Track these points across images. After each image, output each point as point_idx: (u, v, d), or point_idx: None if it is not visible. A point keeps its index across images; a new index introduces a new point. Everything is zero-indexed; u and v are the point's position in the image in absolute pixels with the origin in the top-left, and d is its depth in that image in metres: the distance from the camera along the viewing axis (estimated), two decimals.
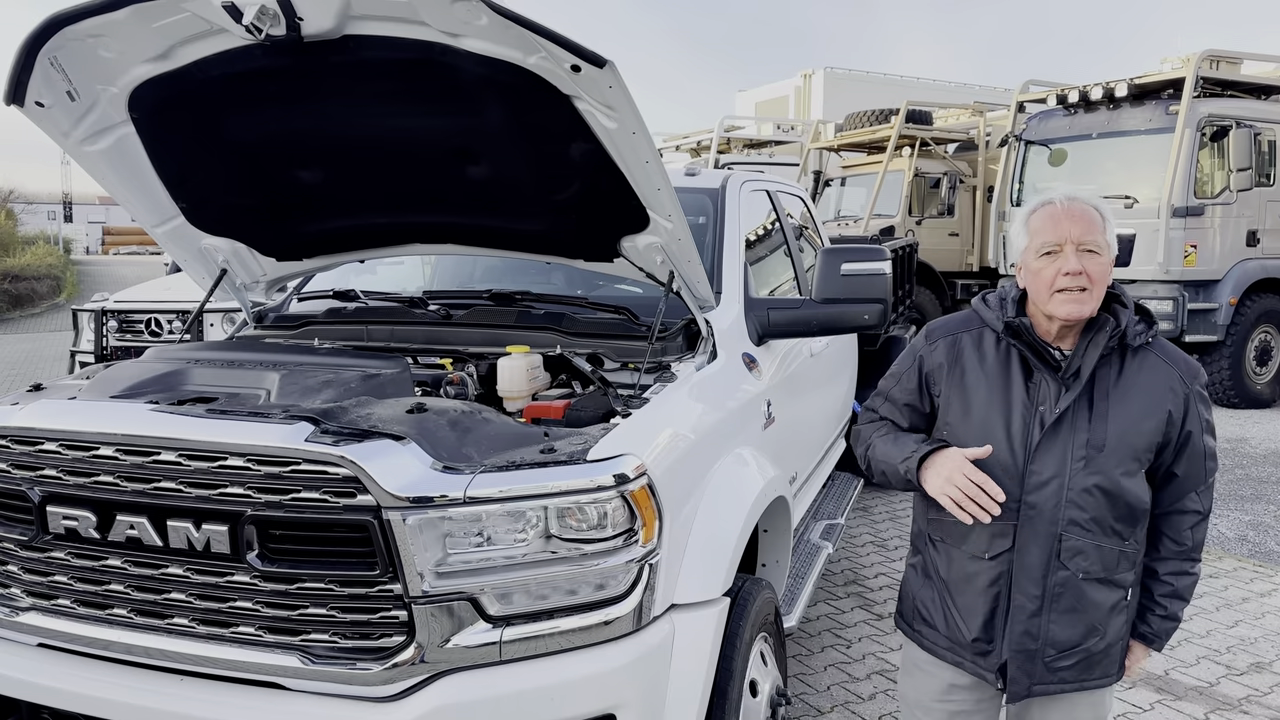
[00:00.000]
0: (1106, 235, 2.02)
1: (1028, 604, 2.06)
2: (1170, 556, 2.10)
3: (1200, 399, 2.06)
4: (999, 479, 2.02)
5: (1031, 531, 2.03)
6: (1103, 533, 2.02)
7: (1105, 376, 2.03)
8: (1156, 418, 2.02)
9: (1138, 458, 2.02)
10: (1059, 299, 1.98)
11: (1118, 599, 2.08)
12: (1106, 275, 2.00)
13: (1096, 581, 2.04)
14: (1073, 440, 2.01)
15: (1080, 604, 2.05)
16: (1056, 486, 2.01)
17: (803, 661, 4.04)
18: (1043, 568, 2.04)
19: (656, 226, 2.73)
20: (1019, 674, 2.09)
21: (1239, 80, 10.46)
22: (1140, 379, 2.03)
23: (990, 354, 2.10)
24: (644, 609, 2.14)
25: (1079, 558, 2.02)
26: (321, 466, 1.99)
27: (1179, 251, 9.72)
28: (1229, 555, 5.54)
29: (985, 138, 13.58)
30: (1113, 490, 2.00)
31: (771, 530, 3.14)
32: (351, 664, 2.03)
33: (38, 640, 2.29)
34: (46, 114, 2.60)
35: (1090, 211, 2.02)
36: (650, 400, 2.51)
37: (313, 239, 3.29)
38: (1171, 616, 2.13)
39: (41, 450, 2.22)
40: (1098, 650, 2.08)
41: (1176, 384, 2.03)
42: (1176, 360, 2.07)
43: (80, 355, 7.61)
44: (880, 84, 19.21)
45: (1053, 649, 2.06)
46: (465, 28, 2.22)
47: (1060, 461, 2.01)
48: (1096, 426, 2.01)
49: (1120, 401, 2.02)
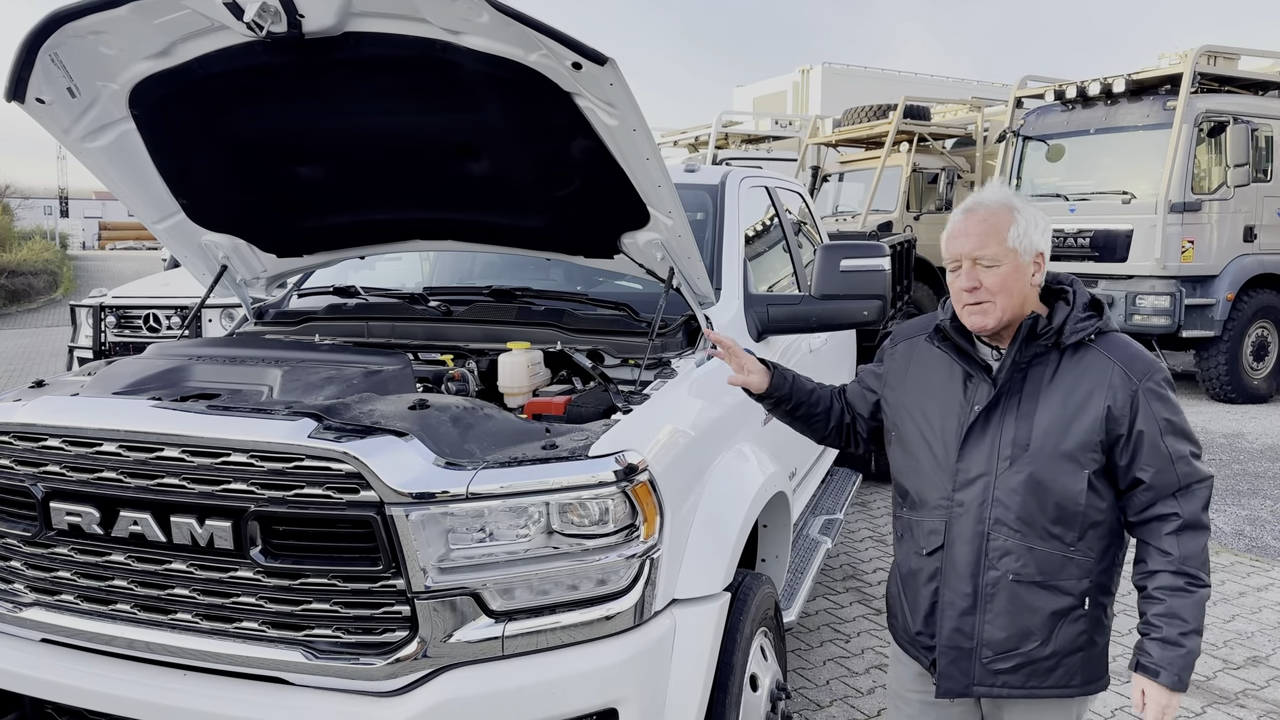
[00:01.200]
0: (1009, 241, 1.96)
1: (958, 601, 2.03)
2: (1159, 569, 1.94)
3: (1155, 396, 1.95)
4: (932, 476, 2.07)
5: (960, 529, 2.02)
6: (1035, 534, 1.97)
7: (1039, 375, 2.00)
8: (1090, 416, 1.94)
9: (1072, 457, 1.95)
10: (965, 312, 2.02)
11: (1064, 606, 1.99)
12: (1010, 282, 1.96)
13: (1034, 585, 1.98)
14: (999, 439, 1.99)
15: (1014, 606, 1.99)
16: (983, 485, 2.00)
17: (802, 656, 4.06)
18: (972, 566, 2.01)
19: (657, 223, 2.74)
20: (952, 670, 2.06)
21: (1236, 76, 10.46)
22: (1074, 376, 1.97)
23: (940, 356, 2.13)
24: (645, 604, 2.15)
25: (1008, 558, 1.98)
26: (325, 462, 2.00)
27: (1176, 247, 9.73)
28: (1226, 550, 5.56)
29: (983, 133, 13.57)
30: (1040, 491, 1.95)
31: (771, 525, 3.16)
32: (355, 659, 2.04)
33: (41, 636, 2.30)
34: (47, 110, 2.60)
35: (991, 218, 1.98)
36: (651, 396, 2.52)
37: (313, 235, 3.29)
38: (1172, 642, 1.90)
39: (45, 446, 2.22)
40: (1041, 657, 2.00)
41: (1118, 380, 1.94)
42: (1121, 355, 1.98)
43: (78, 351, 7.60)
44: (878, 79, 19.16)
45: (989, 649, 2.02)
46: (466, 25, 2.23)
47: (987, 460, 2.00)
48: (1022, 425, 1.98)
49: (1049, 400, 1.97)
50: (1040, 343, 1.99)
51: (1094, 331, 1.99)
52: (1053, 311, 2.02)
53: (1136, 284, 9.94)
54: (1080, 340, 1.99)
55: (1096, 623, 2.03)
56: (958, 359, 2.08)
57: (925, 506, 2.10)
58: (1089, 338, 1.99)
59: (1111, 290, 10.03)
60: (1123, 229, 10.08)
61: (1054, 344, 1.99)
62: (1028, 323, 1.99)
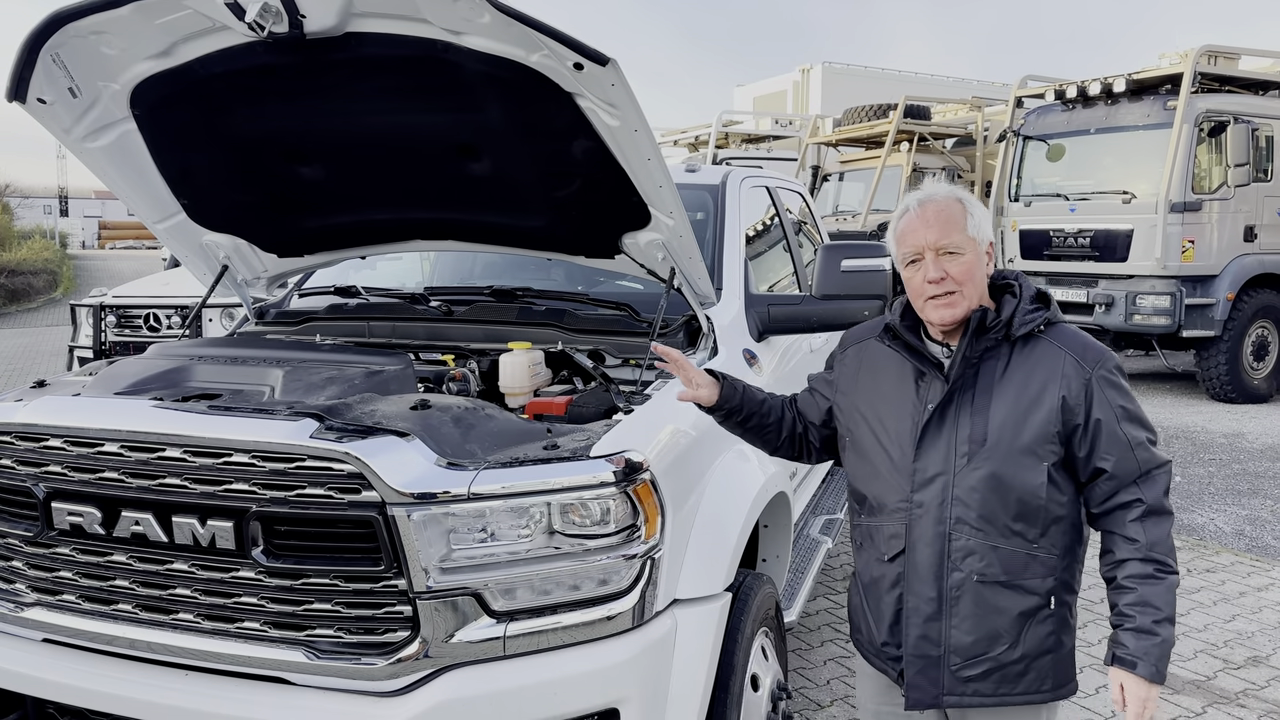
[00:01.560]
0: (968, 229, 1.97)
1: (923, 606, 1.99)
2: (1127, 557, 1.91)
3: (1108, 384, 1.93)
4: (889, 479, 2.04)
5: (921, 531, 1.99)
6: (997, 532, 1.94)
7: (991, 369, 1.98)
8: (1046, 407, 1.92)
9: (1031, 451, 1.92)
10: (930, 306, 1.99)
11: (1031, 606, 1.95)
12: (974, 271, 1.97)
13: (999, 585, 1.94)
14: (955, 436, 1.97)
15: (980, 608, 1.95)
16: (942, 484, 1.97)
17: (803, 656, 4.06)
18: (935, 569, 1.98)
19: (658, 223, 2.74)
20: (920, 679, 2.01)
21: (1237, 75, 10.47)
22: (1026, 369, 1.96)
23: (891, 357, 2.11)
24: (646, 604, 2.15)
25: (971, 558, 1.95)
26: (326, 463, 2.01)
27: (1176, 247, 9.73)
28: (1226, 550, 5.56)
29: (983, 133, 13.58)
30: (999, 487, 1.93)
31: (772, 525, 3.16)
32: (356, 659, 2.04)
33: (42, 636, 2.30)
34: (48, 110, 2.60)
35: (947, 209, 1.98)
36: (652, 396, 2.52)
37: (314, 235, 3.29)
38: (1146, 631, 1.87)
39: (46, 447, 2.22)
40: (1010, 661, 1.96)
41: (1070, 369, 1.93)
42: (1072, 345, 1.97)
43: (79, 350, 7.60)
44: (878, 79, 19.16)
45: (957, 656, 1.97)
46: (467, 25, 2.23)
47: (944, 459, 1.97)
48: (977, 421, 1.95)
49: (1002, 394, 1.95)
50: (990, 336, 1.97)
51: (1043, 322, 1.98)
52: (1000, 305, 2.01)
53: (1137, 284, 9.94)
54: (1030, 332, 1.97)
55: (1063, 622, 2.00)
56: (909, 357, 2.06)
57: (884, 511, 2.06)
58: (1039, 329, 1.98)
59: (1112, 290, 10.04)
60: (1123, 229, 10.08)
61: (1004, 337, 1.97)
62: (977, 315, 1.96)
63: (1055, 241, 10.74)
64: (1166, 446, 8.15)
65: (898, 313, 2.11)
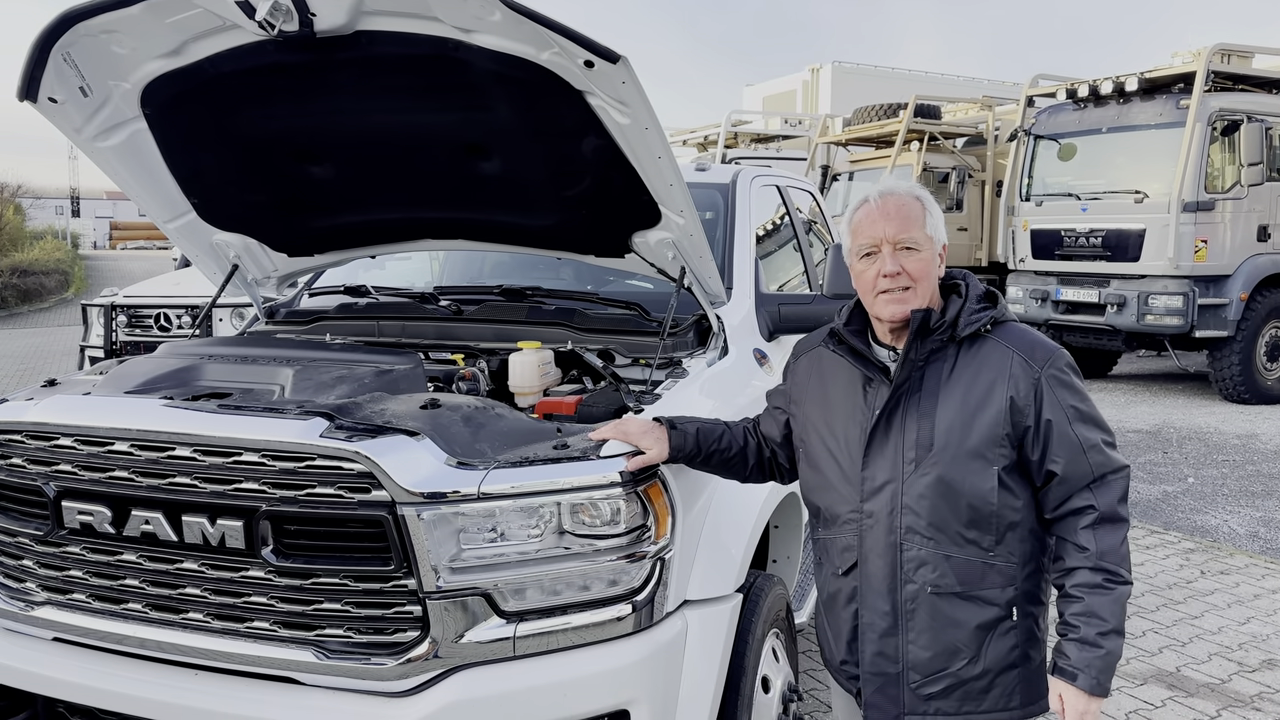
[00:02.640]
0: (927, 228, 1.93)
1: (878, 621, 1.94)
2: (1077, 566, 1.84)
3: (1058, 383, 1.87)
4: (840, 489, 1.99)
5: (872, 542, 1.93)
6: (949, 541, 1.88)
7: (937, 372, 1.91)
8: (993, 409, 1.86)
9: (979, 454, 1.86)
10: (881, 300, 1.93)
11: (990, 618, 1.89)
12: (929, 269, 1.93)
13: (955, 596, 1.88)
14: (902, 442, 1.90)
15: (936, 621, 1.89)
16: (891, 492, 1.91)
17: (814, 658, 4.04)
18: (888, 580, 1.92)
19: (668, 222, 2.72)
20: (879, 698, 1.95)
21: (1250, 74, 10.41)
22: (973, 370, 1.90)
23: (840, 364, 2.05)
24: (656, 605, 2.14)
25: (924, 569, 1.89)
26: (336, 462, 2.00)
27: (1189, 246, 9.68)
28: (1240, 551, 5.52)
29: (994, 132, 13.54)
30: (948, 492, 1.86)
31: (783, 526, 3.14)
32: (366, 659, 2.03)
33: (53, 635, 2.31)
34: (59, 110, 2.60)
35: (907, 205, 1.94)
36: (662, 396, 2.51)
37: (324, 234, 3.29)
38: (1089, 643, 1.80)
39: (57, 445, 2.22)
40: (971, 677, 1.90)
41: (1018, 369, 1.86)
42: (1020, 344, 1.90)
43: (89, 350, 7.63)
44: (888, 78, 19.11)
45: (916, 673, 1.91)
46: (478, 23, 2.22)
47: (892, 466, 1.91)
48: (924, 425, 1.89)
49: (949, 396, 1.89)
50: (935, 337, 1.91)
51: (989, 322, 1.92)
52: (946, 305, 1.96)
53: (1149, 284, 9.89)
54: (976, 332, 1.91)
55: (1029, 635, 1.92)
56: (854, 363, 2.00)
57: (836, 523, 2.01)
58: (985, 328, 1.92)
59: (1124, 290, 9.99)
60: (1135, 228, 10.03)
61: (949, 338, 1.92)
62: (920, 316, 1.90)
63: (1067, 241, 10.69)
64: (1179, 448, 8.10)
65: (844, 316, 2.06)
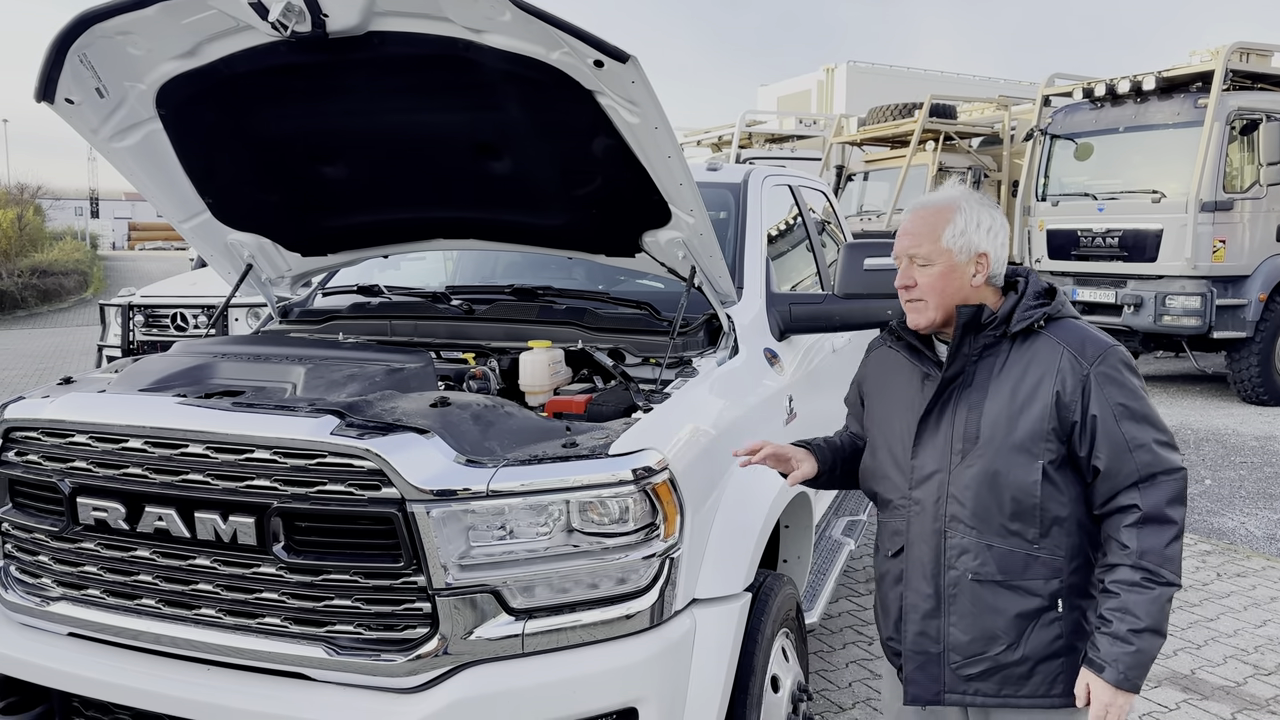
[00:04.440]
0: (944, 240, 1.96)
1: (921, 603, 2.01)
2: (1117, 563, 1.86)
3: (1107, 380, 1.88)
4: (892, 476, 2.09)
5: (919, 528, 2.02)
6: (992, 531, 1.93)
7: (989, 366, 1.97)
8: (1039, 404, 1.89)
9: (1025, 449, 1.90)
10: (906, 309, 2.05)
11: (1032, 608, 1.92)
12: (942, 283, 1.97)
13: (996, 585, 1.93)
14: (951, 433, 1.98)
15: (977, 607, 1.94)
16: (937, 481, 1.99)
17: (824, 658, 4.03)
18: (932, 565, 1.99)
19: (679, 221, 2.73)
20: (920, 675, 2.02)
21: (1269, 73, 10.29)
22: (1023, 364, 1.94)
23: (902, 358, 2.14)
24: (665, 603, 2.14)
25: (965, 556, 1.95)
26: (347, 459, 2.02)
27: (1207, 247, 9.59)
28: (1257, 554, 5.47)
29: (1010, 132, 13.46)
30: (993, 484, 1.91)
31: (793, 526, 3.14)
32: (376, 655, 2.05)
33: (68, 630, 2.33)
34: (76, 111, 2.63)
35: (928, 219, 1.99)
36: (672, 395, 2.51)
37: (337, 234, 3.31)
38: (1120, 638, 1.82)
39: (72, 442, 2.25)
40: (1011, 662, 1.94)
41: (1067, 364, 1.89)
42: (1071, 340, 1.92)
43: (107, 350, 7.69)
44: (903, 78, 19.02)
45: (956, 654, 1.97)
46: (488, 23, 2.23)
47: (940, 456, 1.99)
48: (971, 417, 1.95)
49: (998, 390, 1.94)
50: (988, 333, 1.97)
51: (1043, 318, 1.95)
52: (1004, 301, 2.01)
53: (1166, 284, 9.80)
54: (1030, 327, 1.95)
55: (1075, 627, 1.94)
56: (911, 358, 2.10)
57: (888, 508, 2.11)
58: (1038, 324, 1.95)
59: (1141, 290, 9.91)
60: (1153, 228, 9.95)
61: (1002, 334, 1.96)
62: (967, 312, 1.96)
63: (1083, 241, 10.62)
64: (1196, 449, 8.03)
65: (899, 315, 2.13)
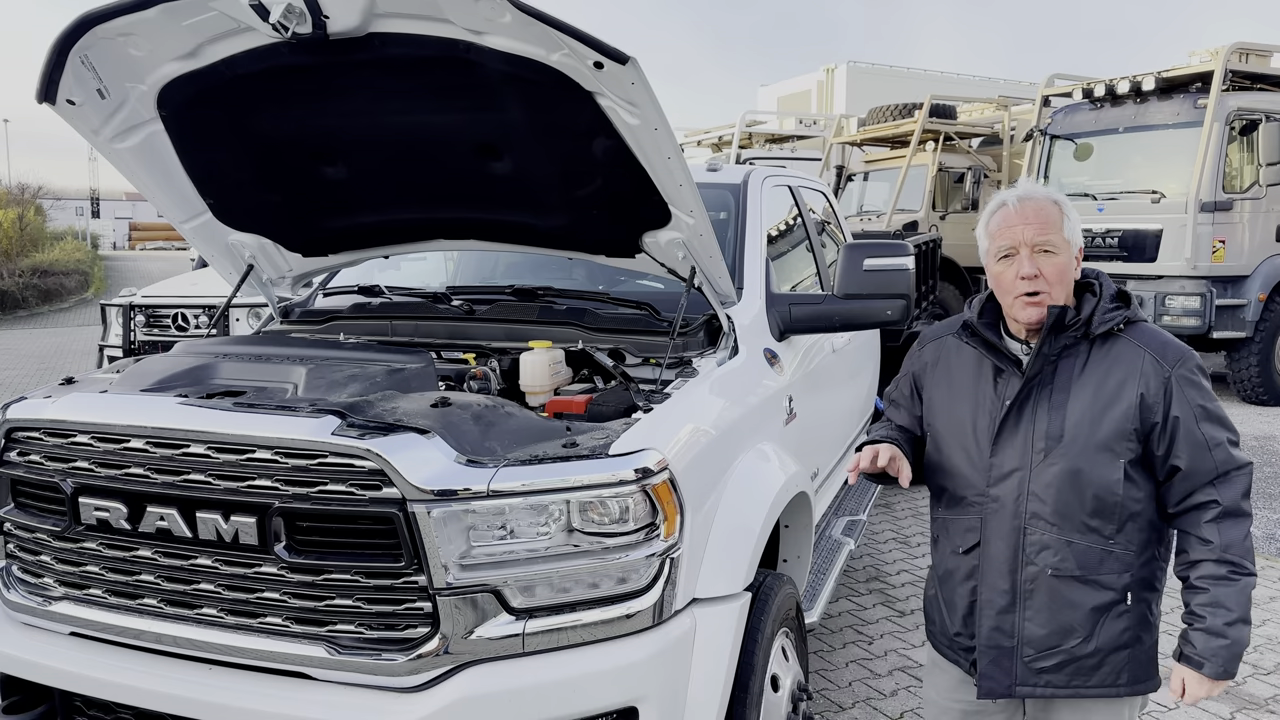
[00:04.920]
0: (1065, 231, 2.01)
1: (997, 599, 2.04)
2: (1201, 559, 1.93)
3: (1188, 383, 1.95)
4: (966, 473, 2.09)
5: (996, 525, 2.04)
6: (1072, 528, 1.97)
7: (1069, 366, 2.01)
8: (1123, 404, 1.94)
9: (1108, 448, 1.95)
10: (1019, 304, 2.02)
11: (1106, 601, 1.98)
12: (1066, 272, 2.01)
13: (1073, 580, 1.98)
14: (1032, 432, 2.00)
15: (1054, 602, 1.99)
16: (1018, 479, 2.01)
17: (824, 658, 4.04)
18: (1009, 562, 2.02)
19: (678, 222, 2.74)
20: (993, 669, 2.06)
21: (1268, 74, 10.30)
22: (1105, 366, 1.99)
23: (969, 353, 2.14)
24: (665, 603, 2.15)
25: (1045, 552, 1.99)
26: (348, 459, 2.02)
27: (1207, 247, 9.60)
28: (1257, 554, 5.47)
29: (1010, 132, 13.46)
30: (1076, 482, 1.96)
31: (793, 526, 3.14)
32: (377, 655, 2.05)
33: (70, 629, 2.34)
34: (77, 112, 2.63)
35: (1045, 208, 2.01)
36: (672, 395, 2.51)
37: (338, 235, 3.32)
38: (1216, 632, 1.89)
39: (74, 442, 2.26)
40: (1084, 654, 2.00)
41: (1149, 367, 1.95)
42: (1152, 344, 1.99)
43: (108, 350, 7.69)
44: (903, 78, 19.01)
45: (1030, 647, 2.02)
46: (489, 25, 2.24)
47: (1021, 454, 2.01)
48: (1054, 417, 1.98)
49: (1080, 391, 1.98)
50: (1069, 334, 2.00)
51: (1123, 321, 2.00)
52: (1080, 303, 2.04)
53: (1166, 284, 9.81)
54: (1109, 330, 2.00)
55: (1141, 619, 2.02)
56: (988, 354, 2.10)
57: (960, 504, 2.11)
58: (1118, 327, 2.00)
59: (1141, 291, 9.90)
60: (1152, 228, 9.95)
61: (1083, 335, 2.00)
62: (1056, 312, 1.99)
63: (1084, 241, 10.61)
64: None
65: (976, 309, 2.14)
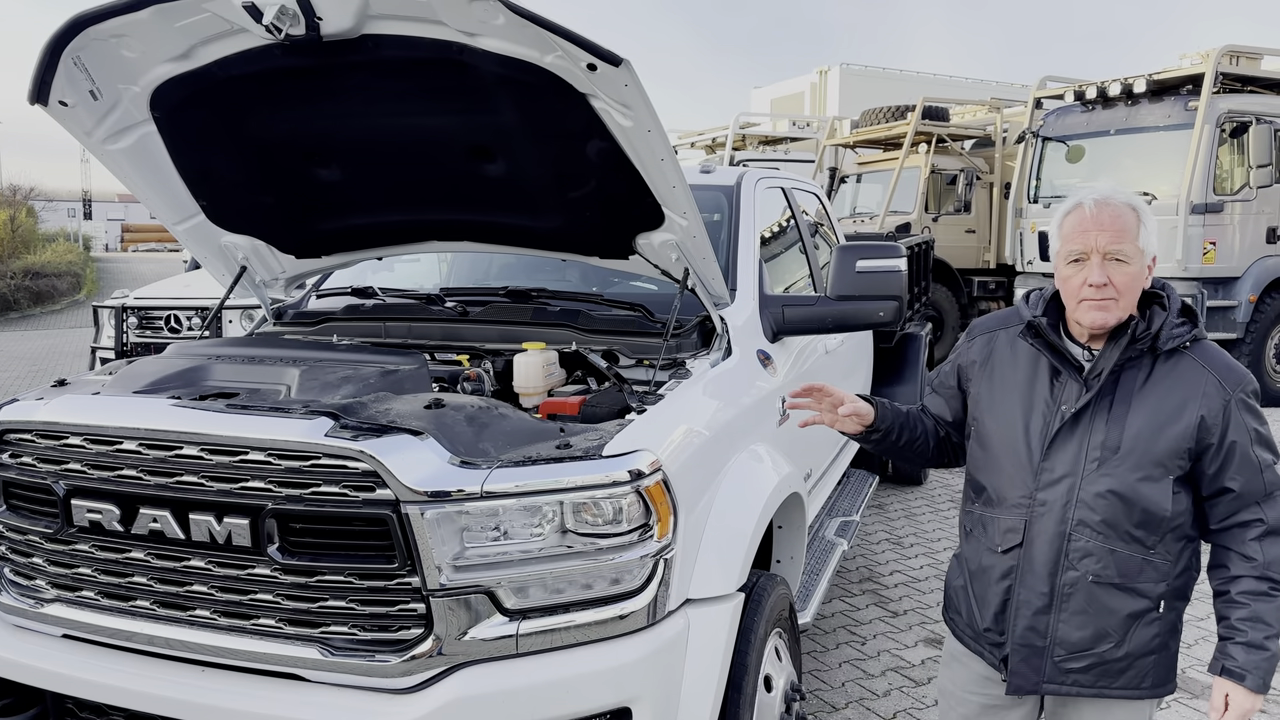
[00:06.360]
0: (1140, 240, 1.96)
1: (1034, 600, 2.05)
2: (1242, 574, 1.96)
3: (1245, 408, 1.97)
4: (1013, 474, 2.07)
5: (1040, 528, 2.03)
6: (1117, 537, 1.98)
7: (1132, 379, 1.99)
8: (1183, 423, 1.95)
9: (1161, 463, 1.96)
10: (1084, 307, 1.98)
11: (1141, 608, 2.01)
12: (1136, 282, 1.97)
13: (1112, 587, 2.00)
14: (1088, 441, 1.99)
15: (1091, 607, 2.01)
16: (1068, 486, 2.00)
17: (817, 658, 4.05)
18: (1050, 565, 2.02)
19: (672, 224, 2.74)
20: (1022, 667, 2.08)
21: (1259, 76, 10.35)
22: (1168, 383, 1.98)
23: (1023, 351, 2.11)
24: (659, 603, 2.15)
25: (1088, 559, 2.00)
26: (341, 461, 2.02)
27: (1198, 248, 9.64)
28: None
29: (1002, 134, 13.49)
30: (1127, 495, 1.96)
31: (786, 526, 3.15)
32: (370, 656, 2.05)
33: (62, 631, 2.33)
34: (70, 113, 2.63)
35: (1123, 215, 1.97)
36: (665, 396, 2.52)
37: (331, 236, 3.32)
38: (1257, 646, 1.93)
39: (66, 445, 2.25)
40: (1114, 658, 2.02)
41: (1212, 389, 1.95)
42: (1216, 365, 1.99)
43: (101, 351, 7.67)
44: (896, 80, 19.06)
45: (1062, 649, 2.04)
46: (483, 27, 2.24)
47: (1074, 461, 2.00)
48: (1113, 429, 1.98)
49: (1142, 405, 1.97)
50: (1136, 346, 1.99)
51: (1189, 339, 1.99)
52: (1149, 316, 2.01)
53: None
54: (1176, 347, 1.99)
55: (1171, 627, 2.05)
56: (1048, 355, 2.06)
57: (1004, 504, 2.10)
58: (1184, 345, 1.99)
59: None
60: None
61: (1149, 349, 1.99)
62: (1135, 324, 1.98)
63: None
64: None
65: (1039, 308, 2.10)
